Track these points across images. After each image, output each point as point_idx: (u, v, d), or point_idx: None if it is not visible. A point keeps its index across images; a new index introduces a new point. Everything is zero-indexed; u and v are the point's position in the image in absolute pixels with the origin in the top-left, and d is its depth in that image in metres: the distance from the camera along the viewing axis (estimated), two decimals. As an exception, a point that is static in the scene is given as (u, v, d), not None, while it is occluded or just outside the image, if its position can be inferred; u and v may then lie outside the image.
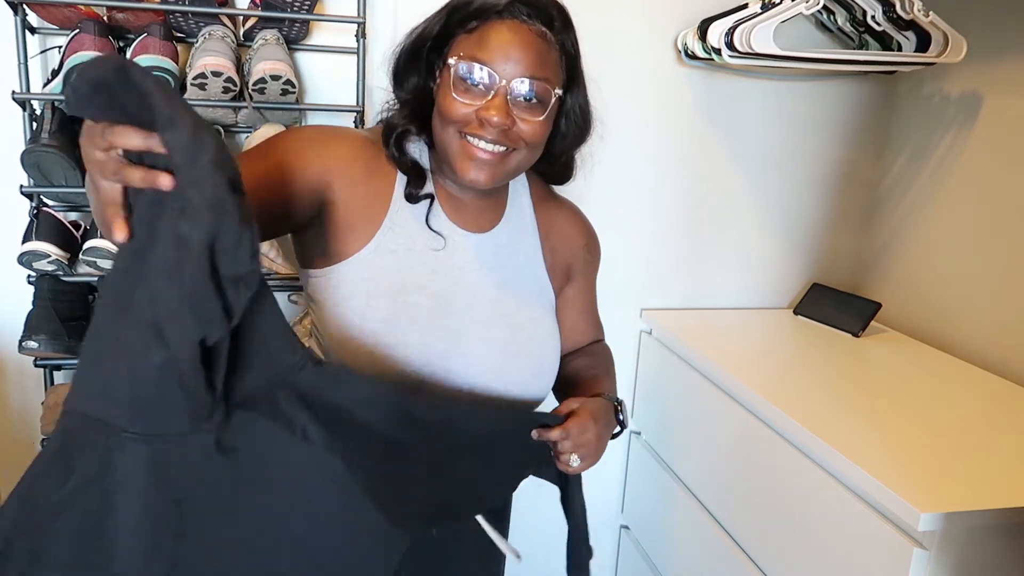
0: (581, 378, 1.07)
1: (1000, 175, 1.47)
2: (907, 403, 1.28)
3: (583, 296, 1.13)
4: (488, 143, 0.87)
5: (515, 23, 0.86)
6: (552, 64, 0.88)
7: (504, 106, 0.86)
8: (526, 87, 0.86)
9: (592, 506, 1.82)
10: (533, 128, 0.88)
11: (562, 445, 0.92)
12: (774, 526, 1.23)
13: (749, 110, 1.68)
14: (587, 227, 1.12)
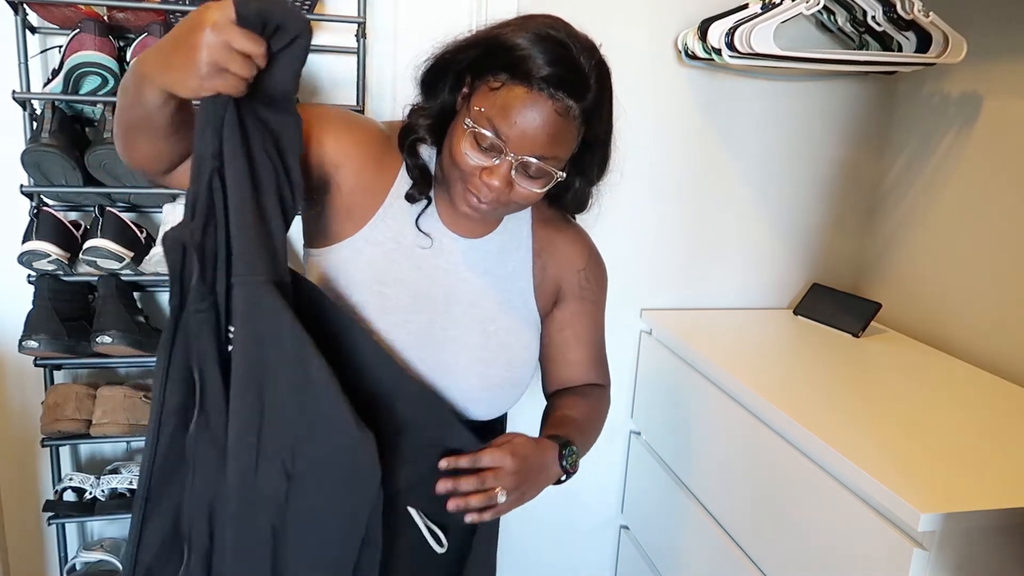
0: (552, 415, 1.04)
1: (1000, 175, 1.47)
2: (907, 403, 1.28)
3: (577, 324, 1.08)
4: (486, 202, 0.88)
5: (541, 98, 0.82)
6: (567, 142, 0.87)
7: (506, 176, 0.86)
8: (532, 165, 0.86)
9: (592, 506, 1.84)
10: (527, 194, 0.88)
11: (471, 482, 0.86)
12: (774, 526, 1.23)
13: (749, 110, 1.68)
14: (590, 253, 1.09)
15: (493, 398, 1.01)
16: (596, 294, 1.10)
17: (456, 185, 0.90)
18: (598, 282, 1.11)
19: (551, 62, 0.82)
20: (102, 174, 1.36)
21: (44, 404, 1.44)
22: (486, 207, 0.89)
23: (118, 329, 1.37)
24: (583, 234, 1.11)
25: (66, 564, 1.54)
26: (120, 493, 1.49)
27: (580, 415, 1.04)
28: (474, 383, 0.98)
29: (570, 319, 1.08)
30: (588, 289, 1.09)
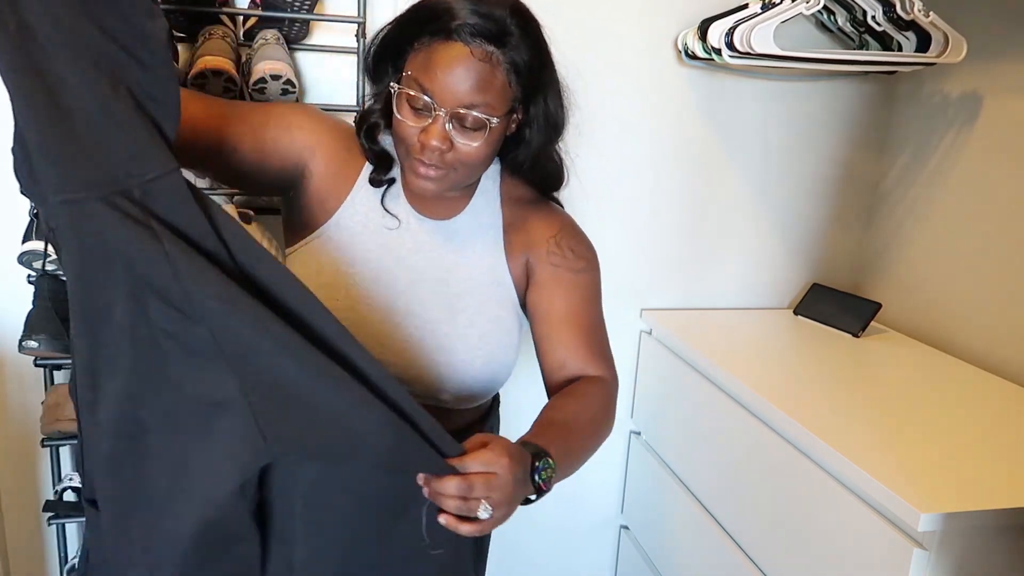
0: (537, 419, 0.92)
1: (1000, 175, 1.47)
2: (907, 403, 1.28)
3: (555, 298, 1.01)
4: (429, 167, 0.90)
5: (459, 47, 0.85)
6: (496, 88, 0.87)
7: (441, 132, 0.87)
8: (465, 116, 0.87)
9: (592, 506, 1.84)
10: (470, 151, 0.89)
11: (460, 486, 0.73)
12: (774, 526, 1.23)
13: (749, 110, 1.68)
14: (562, 225, 1.04)
15: (464, 379, 0.98)
16: (574, 263, 1.03)
17: (405, 162, 0.92)
18: (574, 251, 1.03)
19: (467, 14, 0.84)
20: (102, 174, 1.36)
21: (44, 404, 1.44)
22: (434, 173, 0.90)
23: (118, 329, 1.37)
24: (558, 211, 1.08)
25: (66, 564, 1.54)
26: (120, 493, 1.49)
27: (568, 417, 0.92)
28: (439, 360, 0.97)
29: (547, 293, 1.01)
30: (558, 255, 1.02)
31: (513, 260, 1.03)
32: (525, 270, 1.03)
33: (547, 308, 1.01)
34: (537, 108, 0.95)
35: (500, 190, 1.04)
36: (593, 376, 1.00)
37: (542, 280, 1.02)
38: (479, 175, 1.00)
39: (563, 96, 0.98)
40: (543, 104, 0.95)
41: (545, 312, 1.01)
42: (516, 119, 0.95)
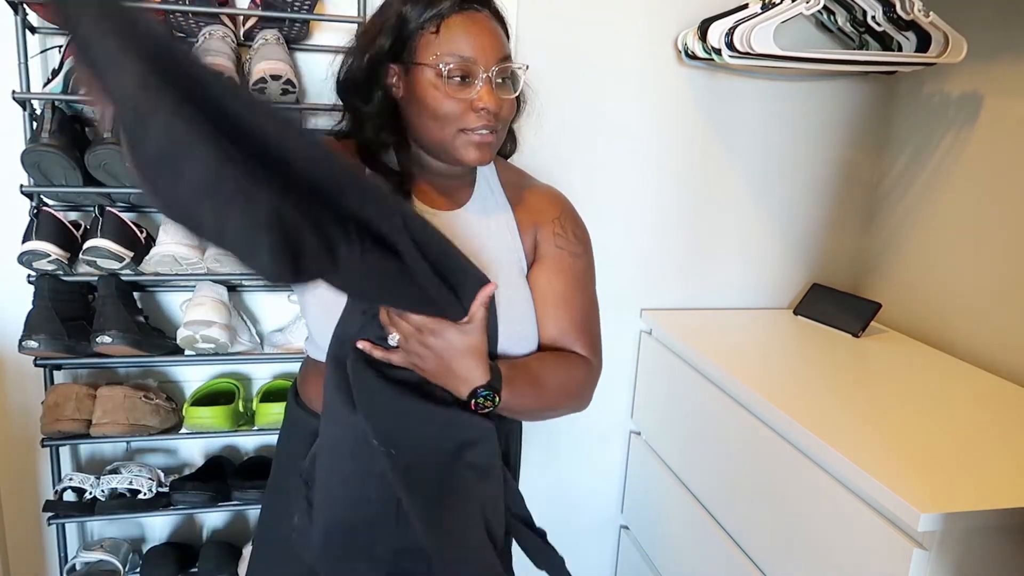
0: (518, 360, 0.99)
1: (1000, 175, 1.47)
2: (907, 403, 1.28)
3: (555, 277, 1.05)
4: (485, 130, 0.94)
5: (472, 14, 0.93)
6: (505, 43, 0.96)
7: (492, 92, 0.93)
8: (503, 70, 0.93)
9: (592, 506, 1.84)
10: (510, 105, 0.97)
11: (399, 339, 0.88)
12: (774, 526, 1.23)
13: (749, 110, 1.68)
14: (563, 206, 1.10)
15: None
16: (575, 247, 1.08)
17: (450, 142, 0.95)
18: (575, 234, 1.08)
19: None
20: (102, 174, 1.37)
21: (44, 404, 1.44)
22: (492, 138, 0.95)
23: (118, 329, 1.37)
24: (554, 189, 1.12)
25: (66, 564, 1.54)
26: (120, 493, 1.49)
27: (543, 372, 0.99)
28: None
29: (548, 273, 1.06)
30: (563, 238, 1.07)
31: (525, 237, 1.06)
32: (534, 245, 1.07)
33: (545, 288, 1.05)
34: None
35: (497, 172, 1.08)
36: (581, 355, 1.06)
37: (545, 259, 1.06)
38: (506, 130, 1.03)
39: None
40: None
41: (543, 291, 1.05)
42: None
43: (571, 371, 1.04)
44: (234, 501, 1.53)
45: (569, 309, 1.06)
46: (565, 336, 1.05)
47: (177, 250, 1.39)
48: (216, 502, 1.52)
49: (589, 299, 1.10)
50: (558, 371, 1.02)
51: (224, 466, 1.61)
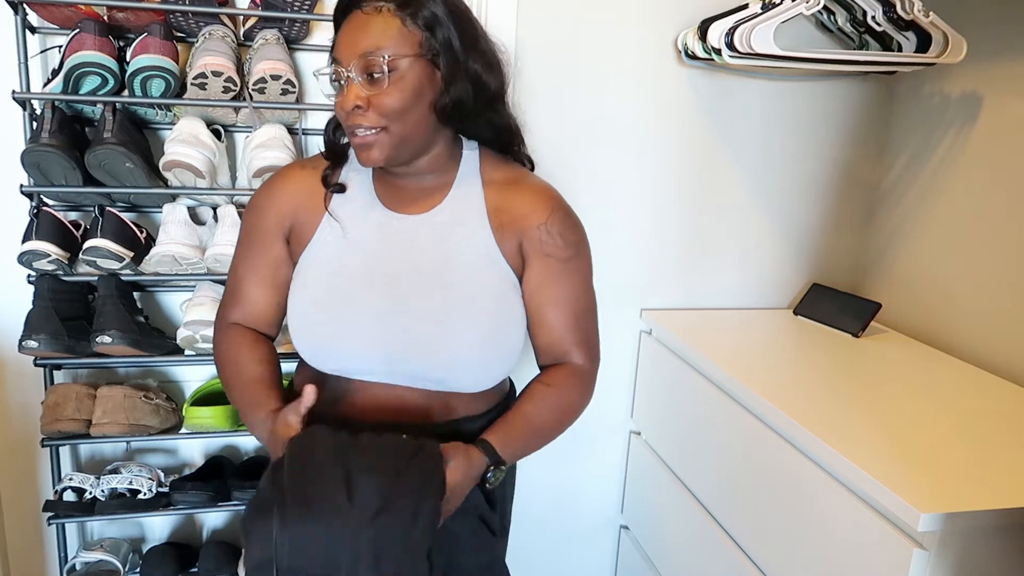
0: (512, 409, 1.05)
1: (1000, 175, 1.47)
2: (907, 403, 1.28)
3: (547, 285, 1.05)
4: (360, 129, 0.95)
5: (354, 15, 0.94)
6: (387, 33, 0.92)
7: (352, 91, 0.93)
8: (363, 64, 0.92)
9: (592, 506, 1.84)
10: (385, 101, 0.93)
11: None
12: (774, 526, 1.23)
13: (749, 110, 1.68)
14: (552, 208, 1.05)
15: (472, 364, 1.01)
16: (564, 251, 1.05)
17: (350, 139, 0.98)
18: (564, 238, 1.05)
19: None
20: (102, 174, 1.37)
21: (44, 404, 1.44)
22: (370, 138, 0.95)
23: (118, 329, 1.37)
24: (545, 190, 1.07)
25: (66, 564, 1.54)
26: (120, 493, 1.49)
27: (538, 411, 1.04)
28: (437, 347, 0.99)
29: (538, 280, 1.05)
30: (550, 244, 1.04)
31: (505, 242, 1.03)
32: (519, 252, 1.05)
33: (538, 296, 1.05)
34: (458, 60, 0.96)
35: (480, 173, 1.06)
36: (575, 366, 1.07)
37: (534, 267, 1.04)
38: (418, 134, 0.98)
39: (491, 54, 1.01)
40: (464, 57, 0.96)
41: (535, 299, 1.05)
42: (439, 75, 0.96)
43: (564, 398, 1.07)
44: (234, 501, 1.53)
45: (561, 316, 1.05)
46: (559, 344, 1.06)
47: (177, 250, 1.39)
48: (216, 502, 1.52)
49: (583, 303, 1.09)
50: (550, 405, 1.05)
51: (224, 466, 1.61)
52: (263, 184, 1.12)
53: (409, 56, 0.93)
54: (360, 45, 0.92)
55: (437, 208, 1.04)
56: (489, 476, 0.96)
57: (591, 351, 1.10)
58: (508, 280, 1.04)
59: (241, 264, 1.10)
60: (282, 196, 1.08)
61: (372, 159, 0.97)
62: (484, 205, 1.04)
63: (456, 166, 1.06)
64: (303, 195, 1.07)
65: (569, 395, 1.07)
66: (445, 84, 0.96)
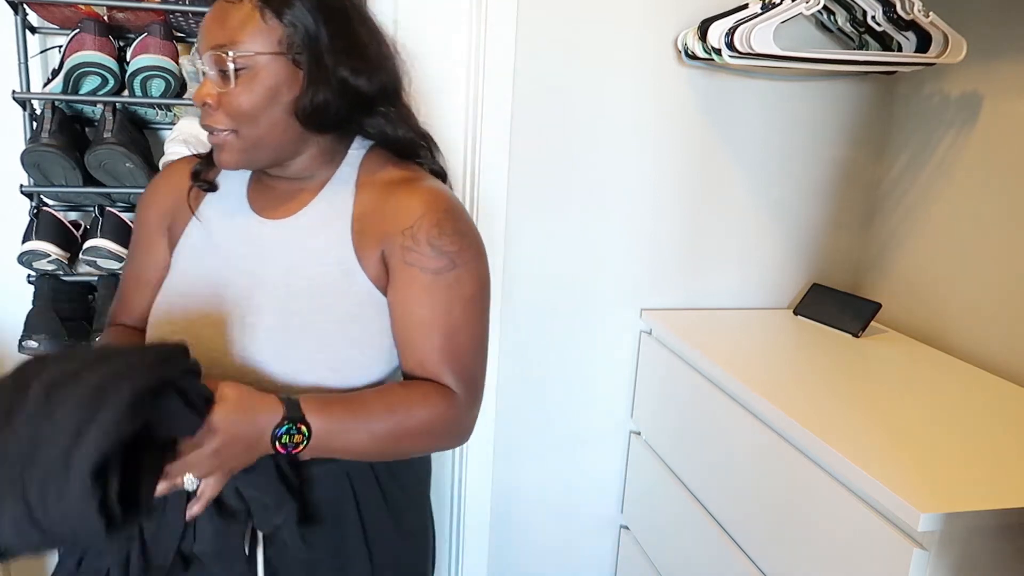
0: (341, 395, 0.89)
1: (1000, 175, 1.47)
2: (907, 403, 1.28)
3: (412, 301, 0.90)
4: (214, 130, 0.88)
5: (217, 2, 0.86)
6: (242, 24, 0.83)
7: (204, 86, 0.86)
8: (215, 58, 0.84)
9: (592, 506, 1.84)
10: (230, 100, 0.85)
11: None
12: (774, 526, 1.23)
13: (749, 110, 1.68)
14: (425, 212, 0.90)
15: (309, 386, 0.89)
16: (433, 260, 0.89)
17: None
18: (434, 246, 0.90)
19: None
20: (102, 174, 1.37)
21: (44, 404, 1.44)
22: (221, 139, 0.88)
23: (118, 329, 1.37)
24: (424, 193, 0.92)
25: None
26: (120, 493, 1.49)
27: (379, 404, 0.87)
28: (275, 369, 0.89)
29: (401, 294, 0.91)
30: (414, 252, 0.89)
31: (365, 252, 0.91)
32: (382, 263, 0.92)
33: (400, 312, 0.91)
34: (323, 60, 0.87)
35: (358, 174, 0.95)
36: (447, 388, 0.91)
37: (397, 278, 0.91)
38: (275, 139, 0.89)
39: (373, 54, 0.91)
40: (332, 57, 0.87)
41: (398, 316, 0.91)
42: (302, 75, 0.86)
43: (418, 409, 0.89)
44: (234, 501, 1.53)
45: (427, 336, 0.90)
46: (425, 367, 0.91)
47: (177, 250, 1.39)
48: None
49: (457, 321, 0.91)
50: (393, 406, 0.88)
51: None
52: (150, 187, 1.06)
53: (266, 53, 0.84)
54: (214, 37, 0.84)
55: (301, 212, 0.94)
56: (280, 432, 0.79)
57: (467, 381, 0.92)
58: (367, 296, 0.91)
59: (127, 265, 1.05)
60: (161, 193, 1.02)
61: (223, 162, 0.90)
62: (350, 209, 0.93)
63: (335, 168, 0.96)
64: (183, 192, 1.00)
65: (424, 409, 0.89)
66: (307, 86, 0.86)
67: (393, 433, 0.88)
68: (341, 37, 0.87)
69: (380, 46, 0.93)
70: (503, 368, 1.69)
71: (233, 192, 0.99)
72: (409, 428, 0.89)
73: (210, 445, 0.76)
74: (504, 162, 1.57)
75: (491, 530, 1.79)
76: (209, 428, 0.76)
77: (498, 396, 1.70)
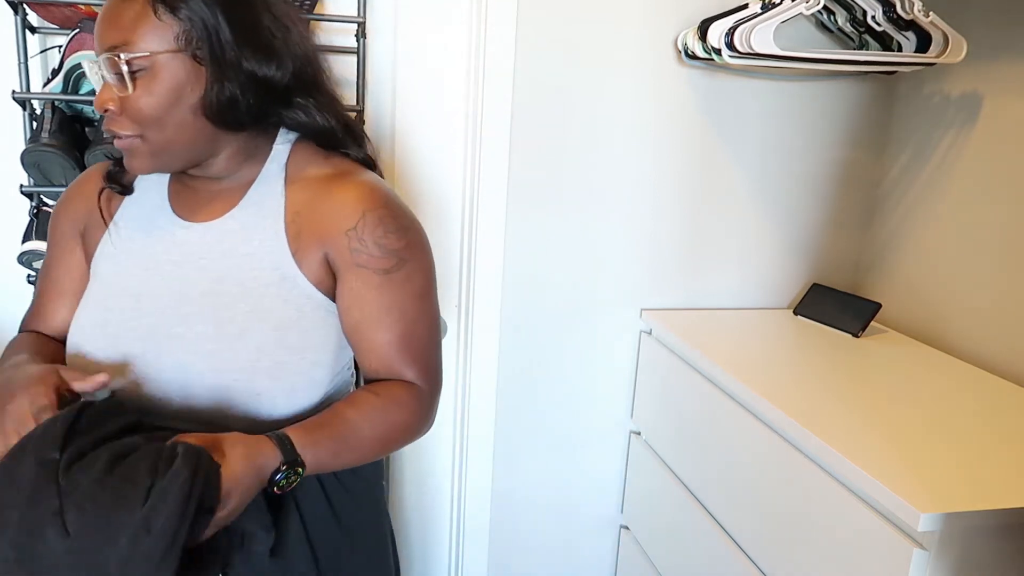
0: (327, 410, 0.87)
1: (1000, 175, 1.47)
2: (907, 403, 1.28)
3: (364, 301, 0.89)
4: (119, 136, 0.83)
5: (107, 2, 0.81)
6: (139, 25, 0.79)
7: (104, 91, 0.81)
8: (110, 62, 0.79)
9: (592, 506, 1.84)
10: (132, 104, 0.81)
11: None
12: (774, 526, 1.23)
13: (749, 110, 1.68)
14: (362, 208, 0.88)
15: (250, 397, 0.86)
16: (382, 261, 0.88)
17: None
18: (381, 245, 0.88)
19: None
20: (102, 174, 1.37)
21: (44, 404, 1.43)
22: (126, 144, 0.83)
23: (118, 329, 1.37)
24: (360, 188, 0.90)
25: (66, 564, 1.54)
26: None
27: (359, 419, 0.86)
28: (210, 381, 0.85)
29: (353, 296, 0.89)
30: (363, 254, 0.88)
31: (304, 253, 0.89)
32: (326, 265, 0.89)
33: (355, 314, 0.90)
34: (225, 54, 0.82)
35: (286, 171, 0.91)
36: (410, 384, 0.92)
37: (347, 281, 0.89)
38: (185, 140, 0.84)
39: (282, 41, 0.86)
40: (236, 48, 0.82)
41: (352, 318, 0.90)
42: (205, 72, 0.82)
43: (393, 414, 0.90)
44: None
45: (386, 335, 0.90)
46: (386, 366, 0.91)
47: (177, 250, 1.39)
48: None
49: (412, 316, 0.91)
50: (376, 419, 0.88)
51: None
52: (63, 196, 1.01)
53: (163, 52, 0.79)
54: (107, 38, 0.79)
55: (229, 214, 0.90)
56: (279, 478, 0.78)
57: (429, 373, 0.94)
58: (307, 301, 0.89)
59: (42, 274, 1.00)
60: (74, 200, 0.97)
61: (133, 168, 0.85)
62: (283, 209, 0.89)
63: (261, 164, 0.91)
64: (86, 202, 0.95)
65: (400, 413, 0.90)
66: (212, 82, 0.82)
67: (377, 444, 0.89)
68: (243, 27, 0.82)
69: (289, 32, 0.87)
70: (503, 368, 1.69)
71: (152, 195, 0.94)
72: (390, 436, 0.90)
73: (229, 506, 0.74)
74: (504, 162, 1.57)
75: (491, 530, 1.79)
76: (226, 493, 0.73)
77: (498, 396, 1.70)
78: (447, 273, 1.66)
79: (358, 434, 0.86)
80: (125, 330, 0.88)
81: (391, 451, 0.95)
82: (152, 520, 0.67)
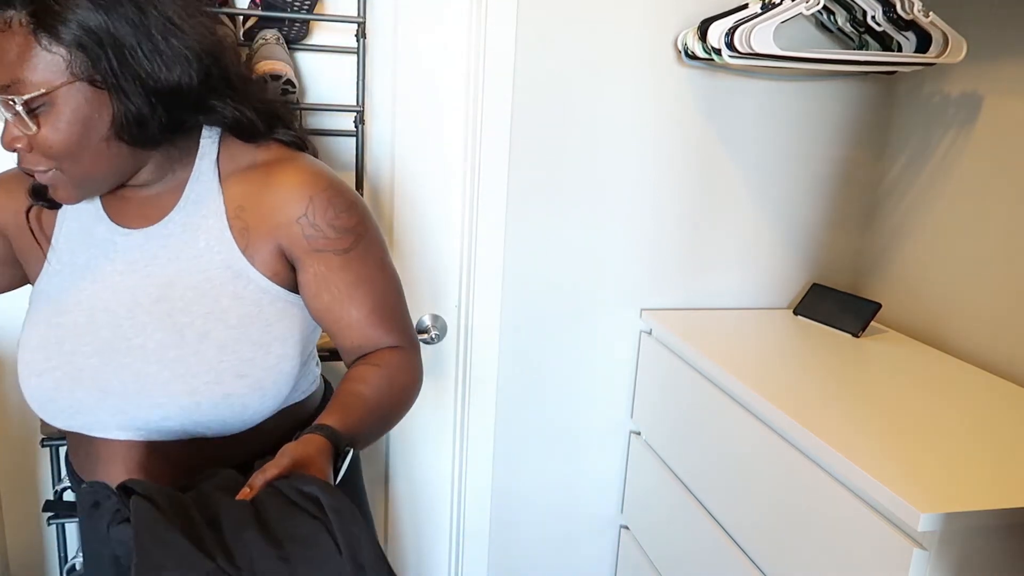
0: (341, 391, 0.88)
1: (1000, 175, 1.47)
2: (907, 403, 1.28)
3: (331, 284, 0.89)
4: (36, 172, 0.80)
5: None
6: (25, 60, 0.73)
7: (7, 131, 0.77)
8: (5, 103, 0.74)
9: (592, 506, 1.84)
10: (40, 141, 0.77)
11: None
12: (774, 526, 1.23)
13: (749, 110, 1.68)
14: (308, 193, 0.88)
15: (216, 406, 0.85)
16: (340, 242, 0.89)
17: None
18: (336, 227, 0.89)
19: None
20: (102, 174, 1.36)
21: (44, 404, 1.43)
22: (46, 179, 0.80)
23: (118, 329, 1.36)
24: (300, 173, 0.89)
25: (66, 564, 1.54)
26: (120, 493, 1.49)
27: (372, 391, 0.88)
28: (176, 388, 0.85)
29: (318, 280, 0.89)
30: (320, 238, 0.88)
31: (255, 248, 0.88)
32: (280, 256, 0.89)
33: (324, 297, 0.90)
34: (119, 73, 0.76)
35: (218, 166, 0.89)
36: (397, 348, 0.95)
37: (309, 267, 0.89)
38: (104, 166, 0.82)
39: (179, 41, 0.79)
40: (131, 63, 0.76)
41: (321, 302, 0.90)
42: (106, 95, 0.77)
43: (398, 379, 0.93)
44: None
45: (359, 310, 0.91)
46: (368, 339, 0.93)
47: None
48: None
49: (380, 287, 0.94)
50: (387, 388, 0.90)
51: (224, 466, 1.61)
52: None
53: (59, 86, 0.74)
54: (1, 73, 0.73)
55: (168, 218, 0.88)
56: (340, 465, 0.80)
57: (407, 333, 0.97)
58: (263, 294, 0.88)
59: None
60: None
61: (61, 199, 0.83)
62: (222, 206, 0.87)
63: (192, 163, 0.89)
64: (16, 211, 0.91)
65: (403, 376, 0.93)
66: (117, 105, 0.77)
67: (395, 410, 0.93)
68: (134, 38, 0.76)
69: (184, 31, 0.80)
70: (503, 368, 1.69)
71: (87, 204, 0.90)
72: (402, 400, 0.94)
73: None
74: (504, 162, 1.57)
75: (491, 530, 1.79)
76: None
77: (498, 396, 1.70)
78: (447, 273, 1.66)
79: (383, 410, 0.89)
80: (80, 345, 0.86)
81: (404, 414, 0.96)
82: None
